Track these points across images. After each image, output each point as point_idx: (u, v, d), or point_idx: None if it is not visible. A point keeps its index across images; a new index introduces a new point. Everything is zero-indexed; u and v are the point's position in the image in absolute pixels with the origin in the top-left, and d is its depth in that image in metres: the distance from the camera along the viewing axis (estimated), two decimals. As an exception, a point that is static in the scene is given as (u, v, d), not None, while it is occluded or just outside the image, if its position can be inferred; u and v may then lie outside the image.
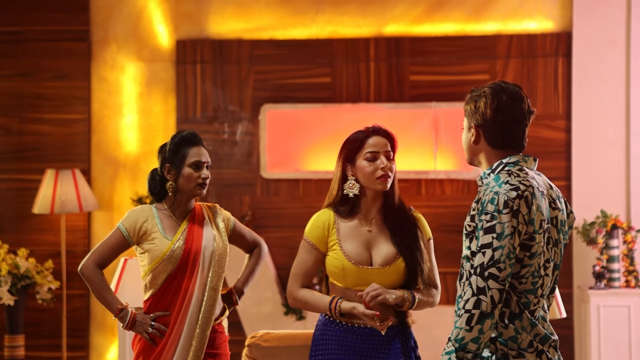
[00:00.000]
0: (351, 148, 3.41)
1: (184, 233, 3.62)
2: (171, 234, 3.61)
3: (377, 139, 3.40)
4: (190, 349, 3.57)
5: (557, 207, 2.86)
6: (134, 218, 3.63)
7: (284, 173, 6.76)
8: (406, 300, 3.34)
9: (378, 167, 3.36)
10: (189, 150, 3.64)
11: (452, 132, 6.54)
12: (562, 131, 6.67)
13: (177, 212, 3.67)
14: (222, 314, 3.72)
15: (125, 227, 3.62)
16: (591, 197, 6.58)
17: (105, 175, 6.93)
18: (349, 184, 3.41)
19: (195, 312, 3.58)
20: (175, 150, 3.65)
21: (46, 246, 6.84)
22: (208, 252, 3.62)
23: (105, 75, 6.94)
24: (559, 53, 6.69)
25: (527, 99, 2.88)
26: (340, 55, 6.81)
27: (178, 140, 3.66)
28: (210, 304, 3.60)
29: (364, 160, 3.38)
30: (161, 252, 3.59)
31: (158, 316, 3.60)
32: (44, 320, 6.83)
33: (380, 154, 3.37)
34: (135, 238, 3.62)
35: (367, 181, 3.38)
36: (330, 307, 3.34)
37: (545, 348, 2.81)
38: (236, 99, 6.86)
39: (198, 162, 3.64)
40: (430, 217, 6.54)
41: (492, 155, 2.88)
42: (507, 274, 2.71)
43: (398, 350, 3.36)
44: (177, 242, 3.60)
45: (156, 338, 3.59)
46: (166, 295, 3.61)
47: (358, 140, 3.41)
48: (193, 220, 3.66)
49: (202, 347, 3.57)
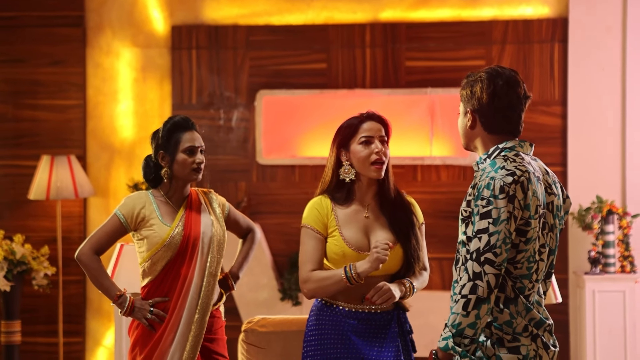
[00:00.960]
0: (345, 133, 3.41)
1: (182, 219, 3.62)
2: (169, 220, 3.61)
3: (371, 124, 3.40)
4: (190, 334, 3.57)
5: (553, 193, 2.87)
6: (132, 204, 3.62)
7: (280, 159, 6.75)
8: (408, 291, 3.36)
9: (372, 151, 3.36)
10: (182, 136, 3.62)
11: (448, 118, 6.54)
12: (557, 117, 6.68)
13: (174, 199, 3.66)
14: (220, 300, 3.72)
15: (123, 213, 3.61)
16: (587, 182, 6.59)
17: (100, 161, 6.92)
18: (344, 169, 3.41)
19: (195, 297, 3.58)
20: (168, 136, 3.63)
21: (42, 232, 6.84)
22: (207, 237, 3.62)
23: (101, 61, 6.92)
24: (555, 39, 6.68)
25: (523, 84, 2.89)
26: (336, 41, 6.80)
27: (170, 126, 3.64)
28: (209, 289, 3.60)
29: (358, 145, 3.38)
30: (160, 239, 3.58)
31: (157, 302, 3.59)
32: (40, 306, 6.83)
33: (375, 138, 3.37)
34: (133, 224, 3.61)
35: (362, 166, 3.38)
36: (348, 276, 3.29)
37: (540, 332, 2.82)
38: (232, 85, 6.85)
39: (192, 147, 3.62)
40: (426, 203, 6.55)
41: (488, 141, 2.89)
42: (503, 259, 2.72)
43: (395, 333, 3.37)
44: (176, 228, 3.60)
45: (155, 324, 3.59)
46: (165, 282, 3.61)
47: (352, 125, 3.41)
48: (190, 206, 3.65)
49: (201, 332, 3.57)
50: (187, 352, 3.56)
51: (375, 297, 3.26)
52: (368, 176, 3.39)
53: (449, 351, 2.73)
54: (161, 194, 3.66)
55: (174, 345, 3.56)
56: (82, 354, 6.88)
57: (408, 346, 3.41)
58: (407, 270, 3.40)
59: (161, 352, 3.56)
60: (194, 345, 3.57)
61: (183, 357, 3.56)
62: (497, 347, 2.78)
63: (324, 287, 3.32)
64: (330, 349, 3.35)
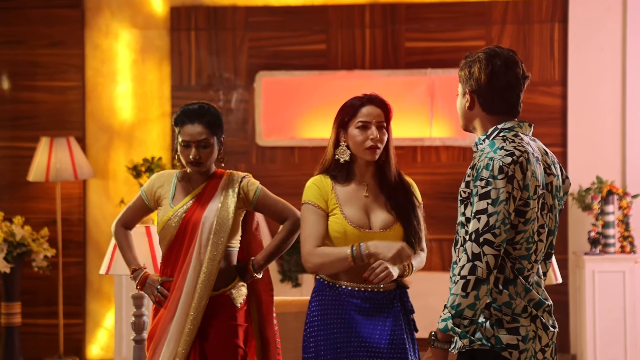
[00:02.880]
0: (345, 114, 3.41)
1: (188, 203, 3.62)
2: (178, 202, 3.63)
3: (371, 108, 3.39)
4: (188, 317, 3.57)
5: (552, 173, 2.86)
6: (152, 183, 3.69)
7: (280, 141, 6.74)
8: (406, 269, 3.36)
9: (368, 138, 3.36)
10: (182, 128, 3.60)
11: (448, 99, 6.53)
12: (557, 97, 6.66)
13: (193, 181, 3.68)
14: (230, 284, 3.66)
15: (145, 190, 3.70)
16: (587, 163, 6.59)
17: (100, 143, 6.91)
18: (340, 149, 3.41)
19: (193, 281, 3.58)
20: (174, 124, 3.65)
21: (41, 214, 6.84)
22: (208, 223, 3.60)
23: (99, 43, 6.90)
24: (555, 19, 6.66)
25: (522, 64, 2.87)
26: (336, 21, 6.77)
27: (177, 115, 3.64)
28: (208, 274, 3.58)
29: (355, 129, 3.38)
30: (162, 219, 3.62)
31: (165, 280, 3.63)
32: (40, 287, 6.84)
33: (372, 124, 3.37)
34: (153, 202, 3.68)
35: (357, 150, 3.39)
36: (355, 255, 3.29)
37: (540, 313, 2.81)
38: (231, 67, 6.83)
39: (187, 142, 3.59)
40: (426, 184, 6.55)
41: (487, 121, 2.88)
42: (502, 239, 2.71)
43: (398, 311, 3.37)
44: (178, 211, 3.60)
45: (162, 302, 3.63)
46: (169, 261, 3.65)
47: (353, 107, 3.40)
48: (205, 190, 3.65)
49: (198, 316, 3.56)
50: (185, 335, 3.56)
51: (372, 276, 3.26)
52: (364, 158, 3.39)
53: (449, 332, 2.73)
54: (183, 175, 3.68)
55: (173, 325, 3.56)
56: (82, 335, 6.90)
57: (410, 325, 3.42)
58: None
59: (161, 330, 3.59)
60: (192, 329, 3.56)
61: (181, 338, 3.56)
62: (496, 328, 2.78)
63: (328, 263, 3.30)
64: (334, 329, 3.35)
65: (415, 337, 3.44)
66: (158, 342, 3.59)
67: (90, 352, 6.91)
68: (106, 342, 6.90)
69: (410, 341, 3.38)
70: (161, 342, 3.58)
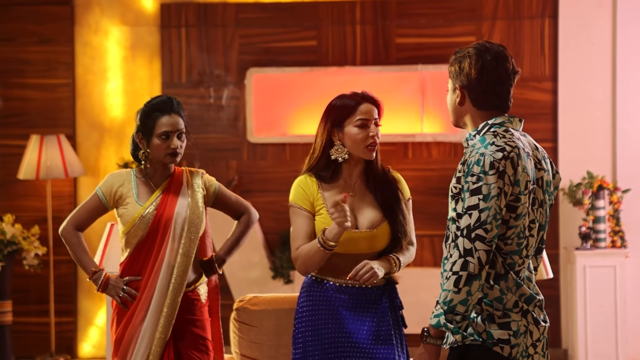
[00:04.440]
0: (341, 114, 3.40)
1: (157, 199, 3.60)
2: (144, 200, 3.60)
3: (368, 106, 3.40)
4: (162, 314, 3.55)
5: (542, 168, 2.86)
6: (111, 182, 3.64)
7: (271, 137, 6.74)
8: (393, 267, 3.36)
9: (368, 135, 3.37)
10: (158, 120, 3.57)
11: (439, 95, 6.53)
12: (548, 93, 6.67)
13: (154, 179, 3.65)
14: (197, 281, 3.69)
15: (103, 191, 3.64)
16: (577, 158, 6.60)
17: (90, 140, 6.89)
18: (336, 149, 3.40)
19: (166, 277, 3.56)
20: (144, 119, 3.60)
21: (32, 212, 6.82)
22: (180, 218, 3.60)
23: (89, 40, 6.88)
24: (545, 14, 6.66)
25: (512, 59, 2.88)
26: (326, 18, 6.77)
27: (147, 109, 3.60)
28: (182, 270, 3.58)
29: (354, 127, 3.38)
30: (131, 218, 3.58)
31: (131, 280, 3.60)
32: (32, 286, 6.82)
33: (371, 121, 3.38)
34: (112, 202, 3.64)
35: (356, 148, 3.38)
36: (320, 241, 3.28)
37: (531, 308, 2.82)
38: (222, 63, 6.82)
39: (167, 132, 3.57)
40: (417, 180, 6.56)
41: (477, 117, 2.88)
42: (494, 235, 2.72)
43: (386, 307, 3.38)
44: (148, 208, 3.59)
45: (128, 302, 3.59)
46: (138, 260, 3.61)
47: (349, 106, 3.40)
48: (169, 186, 3.63)
49: (173, 312, 3.56)
50: (159, 332, 3.55)
51: (357, 277, 3.27)
52: (361, 157, 3.39)
53: (441, 328, 2.73)
54: (143, 173, 3.66)
55: (145, 324, 3.55)
56: (74, 333, 6.88)
57: (399, 321, 3.43)
58: (395, 246, 3.41)
59: (132, 330, 3.56)
60: (166, 325, 3.55)
61: (155, 336, 3.55)
62: (488, 323, 2.78)
63: (309, 259, 3.31)
64: (322, 325, 3.36)
65: (405, 333, 3.45)
66: (129, 343, 3.56)
67: (82, 350, 6.90)
68: (98, 340, 6.89)
69: (397, 337, 3.39)
70: (132, 343, 3.56)
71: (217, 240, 4.46)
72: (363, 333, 3.34)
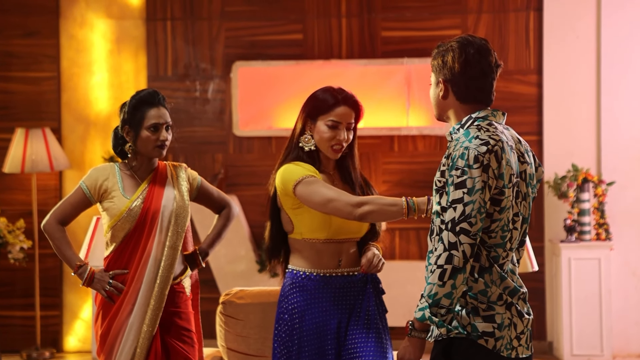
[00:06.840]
0: (318, 107, 3.42)
1: (143, 192, 3.61)
2: (131, 193, 3.61)
3: (345, 109, 3.40)
4: (149, 307, 3.56)
5: (525, 161, 2.88)
6: (95, 176, 3.63)
7: (257, 131, 6.73)
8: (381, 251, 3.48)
9: (335, 137, 3.38)
10: (146, 113, 3.58)
11: (425, 88, 6.54)
12: (533, 86, 6.69)
13: (139, 172, 3.66)
14: (182, 274, 3.70)
15: (87, 185, 3.63)
16: (562, 151, 6.62)
17: (75, 134, 6.87)
18: (304, 137, 3.42)
19: (153, 270, 3.57)
20: (132, 111, 3.60)
21: (17, 205, 6.80)
22: (167, 211, 3.61)
23: (75, 33, 6.85)
24: (530, 7, 6.68)
25: (494, 52, 2.88)
26: (312, 11, 6.76)
27: (135, 102, 3.61)
28: (168, 262, 3.59)
29: (324, 125, 3.39)
30: (119, 211, 3.58)
31: (116, 274, 3.60)
32: (17, 279, 6.80)
33: (343, 125, 3.39)
34: (97, 196, 3.63)
35: (322, 145, 3.41)
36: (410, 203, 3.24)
37: (515, 300, 2.83)
38: (207, 56, 6.81)
39: (156, 125, 3.59)
40: (404, 173, 6.56)
41: (461, 110, 2.89)
42: (478, 228, 2.73)
43: (370, 294, 3.43)
44: (136, 202, 3.59)
45: (114, 296, 3.59)
46: (124, 253, 3.61)
47: (327, 104, 3.40)
48: (155, 179, 3.64)
49: (160, 305, 3.57)
50: (146, 325, 3.56)
51: (370, 267, 3.34)
52: (325, 153, 3.42)
53: (426, 321, 2.75)
54: (127, 167, 3.66)
55: (132, 317, 3.55)
56: (59, 327, 6.87)
57: (383, 305, 3.48)
58: (373, 234, 3.49)
59: (119, 324, 3.56)
60: (153, 318, 3.56)
61: (142, 329, 3.56)
62: (472, 316, 2.80)
63: (384, 212, 3.24)
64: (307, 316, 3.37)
65: (391, 326, 3.50)
66: (115, 337, 3.57)
67: (67, 343, 6.89)
68: (83, 333, 6.88)
69: (383, 321, 3.46)
70: (119, 337, 3.57)
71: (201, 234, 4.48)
72: (352, 320, 3.38)
